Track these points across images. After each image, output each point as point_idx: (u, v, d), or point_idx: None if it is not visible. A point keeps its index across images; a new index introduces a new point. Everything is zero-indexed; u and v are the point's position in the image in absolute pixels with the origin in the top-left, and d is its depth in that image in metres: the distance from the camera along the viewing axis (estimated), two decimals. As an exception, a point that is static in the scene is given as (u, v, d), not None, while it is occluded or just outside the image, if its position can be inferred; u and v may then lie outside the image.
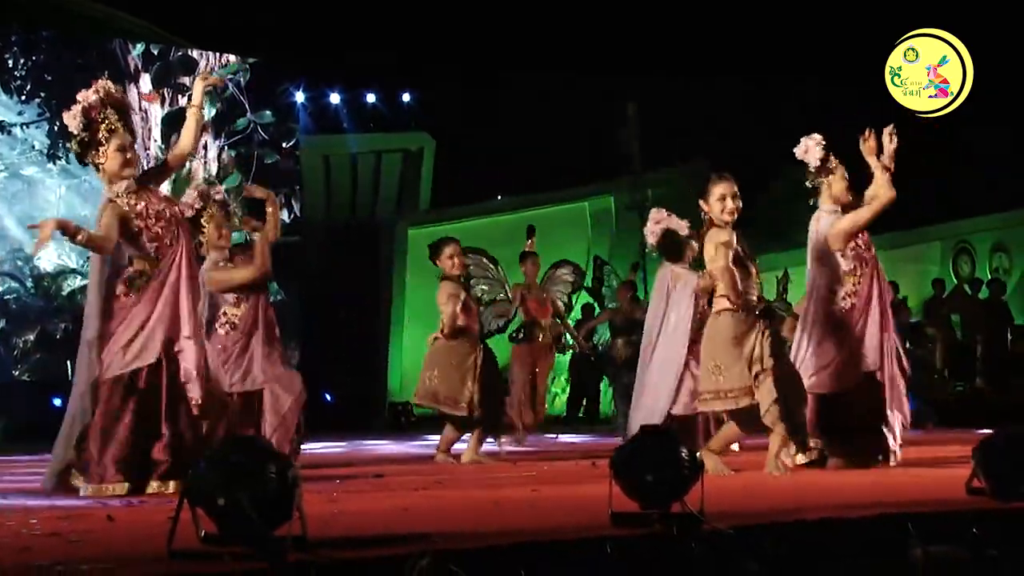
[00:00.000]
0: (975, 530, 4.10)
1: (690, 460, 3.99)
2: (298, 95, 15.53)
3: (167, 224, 5.74)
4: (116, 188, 5.71)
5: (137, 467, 5.40)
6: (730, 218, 6.31)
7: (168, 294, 5.66)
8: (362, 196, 16.89)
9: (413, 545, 3.41)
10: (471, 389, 7.82)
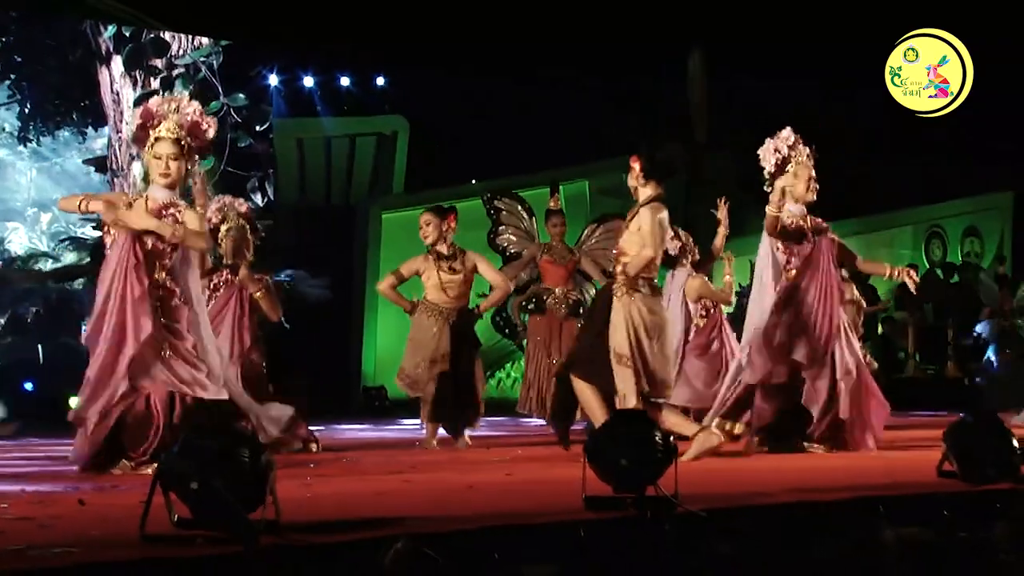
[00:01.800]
0: (945, 512, 4.13)
1: (664, 444, 4.00)
2: (271, 78, 15.43)
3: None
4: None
5: None
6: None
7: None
8: (336, 180, 16.81)
9: (387, 529, 3.42)
10: (423, 367, 7.78)
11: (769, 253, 6.93)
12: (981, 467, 4.55)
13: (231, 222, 7.34)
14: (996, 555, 3.85)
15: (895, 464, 5.88)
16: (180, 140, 5.67)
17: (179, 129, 5.68)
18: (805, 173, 6.93)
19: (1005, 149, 15.45)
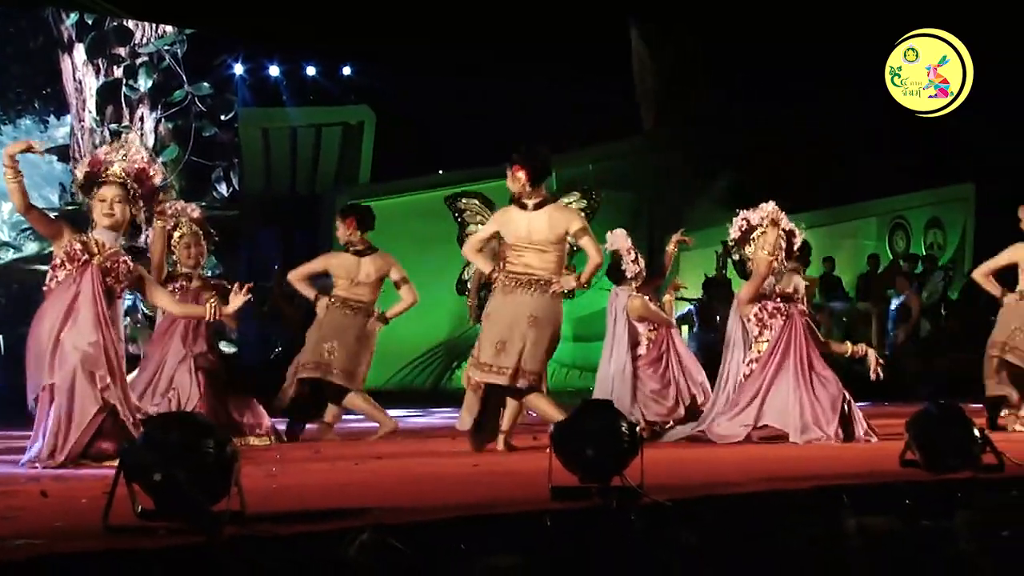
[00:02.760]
0: (908, 501, 4.17)
1: (629, 434, 4.01)
2: (237, 67, 15.35)
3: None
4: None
5: None
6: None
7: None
8: (302, 169, 16.75)
9: (352, 520, 3.41)
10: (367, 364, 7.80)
11: (739, 323, 7.08)
12: (943, 456, 4.60)
13: (184, 228, 7.30)
14: (957, 543, 3.88)
15: (859, 454, 5.92)
16: (126, 184, 5.73)
17: (125, 174, 5.73)
18: (771, 245, 6.96)
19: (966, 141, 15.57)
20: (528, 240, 6.44)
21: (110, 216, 5.70)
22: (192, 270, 7.27)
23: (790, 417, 6.75)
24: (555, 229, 6.42)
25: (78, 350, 5.49)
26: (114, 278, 5.70)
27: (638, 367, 7.85)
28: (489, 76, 15.21)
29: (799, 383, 6.80)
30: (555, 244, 6.45)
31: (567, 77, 15.07)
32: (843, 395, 6.81)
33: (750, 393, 6.88)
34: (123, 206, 5.72)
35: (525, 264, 6.44)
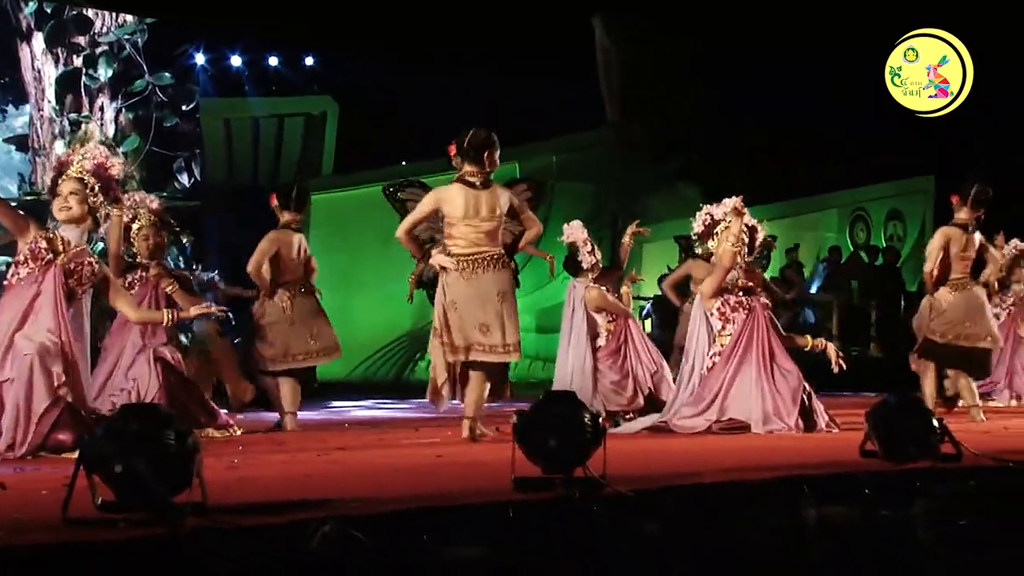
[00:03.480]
0: (868, 491, 4.20)
1: (592, 425, 4.03)
2: (198, 57, 15.26)
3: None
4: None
5: None
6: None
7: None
8: (264, 160, 16.67)
9: (315, 511, 3.41)
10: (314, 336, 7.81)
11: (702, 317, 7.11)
12: (902, 446, 4.64)
13: (142, 220, 7.27)
14: (916, 532, 3.92)
15: (819, 444, 5.96)
16: (83, 179, 5.77)
17: (83, 170, 5.79)
18: (731, 244, 7.01)
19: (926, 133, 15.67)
20: (478, 217, 6.56)
21: (67, 210, 5.74)
22: (150, 261, 7.25)
23: (752, 408, 6.79)
24: (504, 205, 6.61)
25: (33, 342, 5.48)
26: (76, 280, 5.70)
27: (597, 359, 7.89)
28: (453, 67, 15.18)
29: (761, 375, 6.85)
30: (500, 219, 6.63)
31: (531, 69, 15.06)
32: (804, 387, 6.86)
33: (714, 387, 6.92)
34: (79, 200, 5.75)
35: (474, 243, 6.56)
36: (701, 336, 7.16)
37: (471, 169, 6.59)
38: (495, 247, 6.60)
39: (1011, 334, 10.21)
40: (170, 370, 6.97)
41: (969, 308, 8.06)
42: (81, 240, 5.77)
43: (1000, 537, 3.83)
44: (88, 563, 2.95)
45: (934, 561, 3.52)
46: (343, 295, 14.78)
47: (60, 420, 5.45)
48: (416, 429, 7.75)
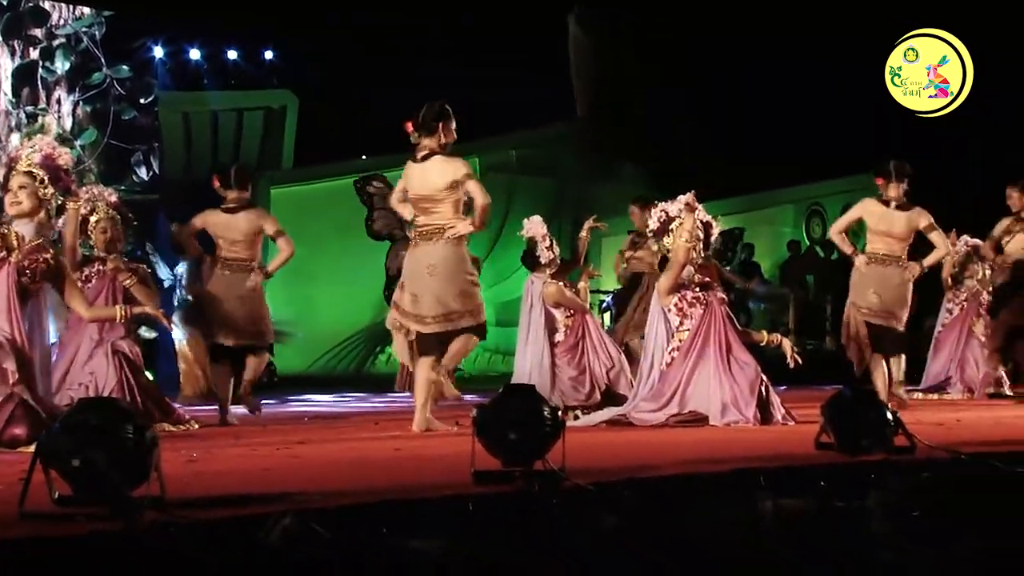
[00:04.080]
0: (822, 483, 4.25)
1: (551, 418, 4.05)
2: (157, 50, 15.16)
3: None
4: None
5: None
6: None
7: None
8: (223, 154, 16.58)
9: (274, 505, 3.40)
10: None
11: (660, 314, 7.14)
12: (856, 439, 4.69)
13: (100, 213, 7.23)
14: (870, 524, 3.97)
15: (776, 437, 6.01)
16: (32, 172, 5.74)
17: (31, 163, 5.76)
18: (686, 240, 7.06)
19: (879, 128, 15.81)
20: (422, 191, 6.58)
21: (17, 205, 5.71)
22: (108, 254, 7.20)
23: (711, 401, 6.84)
24: (444, 177, 6.53)
25: None
26: (30, 277, 5.65)
27: (556, 354, 7.91)
28: (414, 60, 15.15)
29: (719, 368, 6.90)
30: (446, 192, 6.53)
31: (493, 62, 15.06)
32: (761, 379, 6.92)
33: (673, 382, 6.95)
34: (29, 193, 5.71)
35: (424, 217, 6.59)
36: (659, 332, 7.19)
37: (426, 143, 6.60)
38: (438, 220, 6.54)
39: (963, 329, 10.34)
40: (128, 364, 6.94)
41: (880, 282, 8.26)
42: (37, 235, 5.72)
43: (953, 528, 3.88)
44: (45, 558, 2.93)
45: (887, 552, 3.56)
46: (303, 289, 14.74)
47: (15, 415, 5.42)
48: (376, 423, 7.75)
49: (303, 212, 15.34)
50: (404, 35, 15.10)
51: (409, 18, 14.95)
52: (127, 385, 6.85)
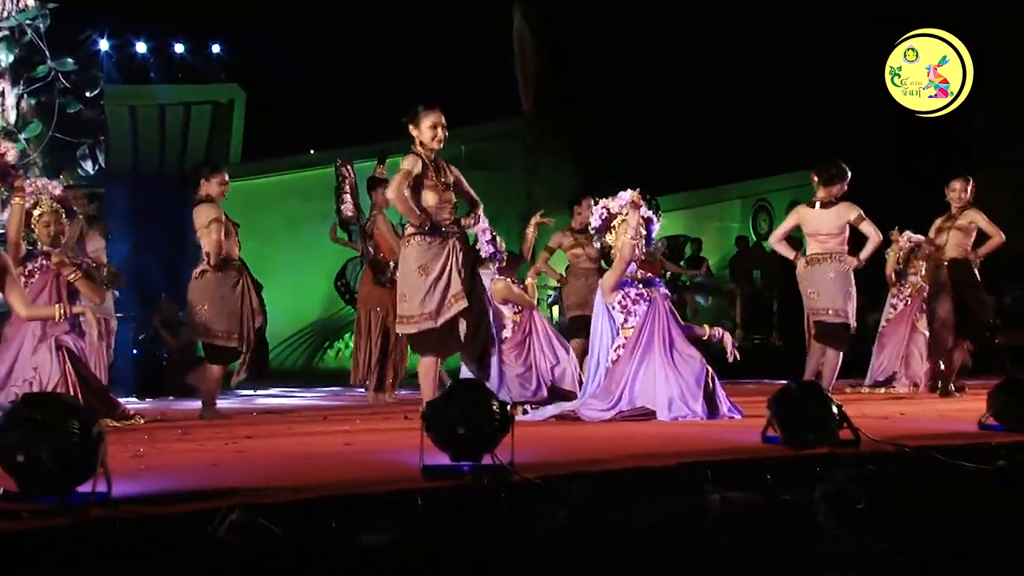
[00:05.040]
0: (769, 476, 4.29)
1: (500, 413, 4.06)
2: (102, 43, 15.01)
3: None
4: None
5: None
6: (438, 146, 6.83)
7: None
8: (170, 148, 16.48)
9: (221, 500, 3.39)
10: (246, 323, 7.82)
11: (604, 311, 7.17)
12: (802, 432, 4.73)
13: (44, 207, 7.15)
14: (815, 516, 4.01)
15: (722, 430, 6.06)
16: None
17: None
18: (630, 237, 7.11)
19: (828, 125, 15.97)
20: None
21: None
22: (52, 248, 7.13)
23: (657, 396, 6.88)
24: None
25: None
26: None
27: (503, 350, 7.92)
28: (361, 55, 15.11)
29: (664, 364, 6.94)
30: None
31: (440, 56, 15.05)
32: (707, 372, 6.96)
33: (620, 380, 6.98)
34: None
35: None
36: (604, 329, 7.21)
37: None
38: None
39: (907, 324, 10.46)
40: (72, 359, 6.87)
41: (817, 281, 8.60)
42: None
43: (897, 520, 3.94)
44: (-10, 554, 2.91)
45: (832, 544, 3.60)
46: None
47: None
48: (325, 417, 7.74)
49: (251, 207, 15.23)
50: (351, 30, 15.05)
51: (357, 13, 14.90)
52: (71, 380, 6.79)
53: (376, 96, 15.16)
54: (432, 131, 6.77)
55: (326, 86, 15.28)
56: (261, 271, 8.29)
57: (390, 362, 9.71)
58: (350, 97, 15.26)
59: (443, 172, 6.84)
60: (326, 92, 15.30)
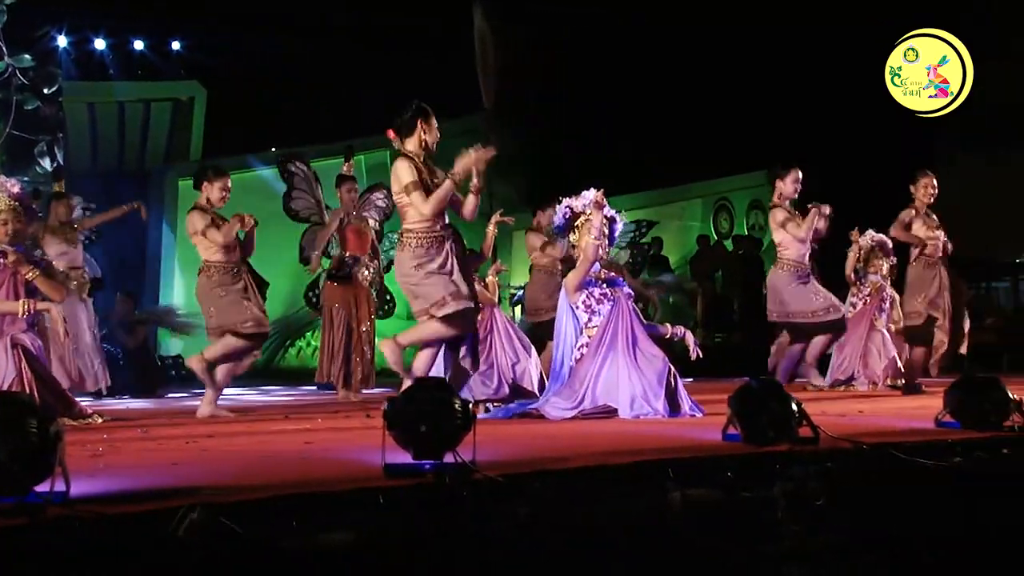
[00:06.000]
0: (729, 473, 4.31)
1: (462, 411, 4.06)
2: (60, 39, 14.90)
3: None
4: None
5: None
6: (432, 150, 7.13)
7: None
8: (129, 146, 16.37)
9: (182, 499, 3.36)
10: (255, 309, 7.81)
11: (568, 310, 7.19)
12: (762, 430, 4.76)
13: (1, 205, 7.09)
14: (775, 513, 4.03)
15: (684, 428, 6.07)
16: None
17: None
18: (594, 237, 7.13)
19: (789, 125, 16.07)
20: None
21: None
22: (9, 246, 7.06)
23: (620, 394, 6.90)
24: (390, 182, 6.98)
25: None
26: None
27: None
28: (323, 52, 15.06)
29: (627, 362, 6.97)
30: (397, 195, 6.87)
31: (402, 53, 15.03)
32: (669, 370, 6.99)
33: (584, 379, 7.00)
34: None
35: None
36: (567, 329, 7.23)
37: (410, 147, 7.00)
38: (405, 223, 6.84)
39: (867, 323, 10.54)
40: (29, 357, 6.81)
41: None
42: None
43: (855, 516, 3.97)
44: (-54, 555, 2.88)
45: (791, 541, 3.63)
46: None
47: None
48: (286, 416, 7.70)
49: (212, 204, 15.17)
50: (311, 27, 15.00)
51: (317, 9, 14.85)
52: (27, 378, 6.73)
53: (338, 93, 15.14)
54: (430, 136, 6.98)
55: (287, 83, 15.22)
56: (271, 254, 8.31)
57: (355, 359, 9.68)
58: (312, 94, 15.21)
59: (436, 174, 6.92)
60: (288, 89, 15.24)
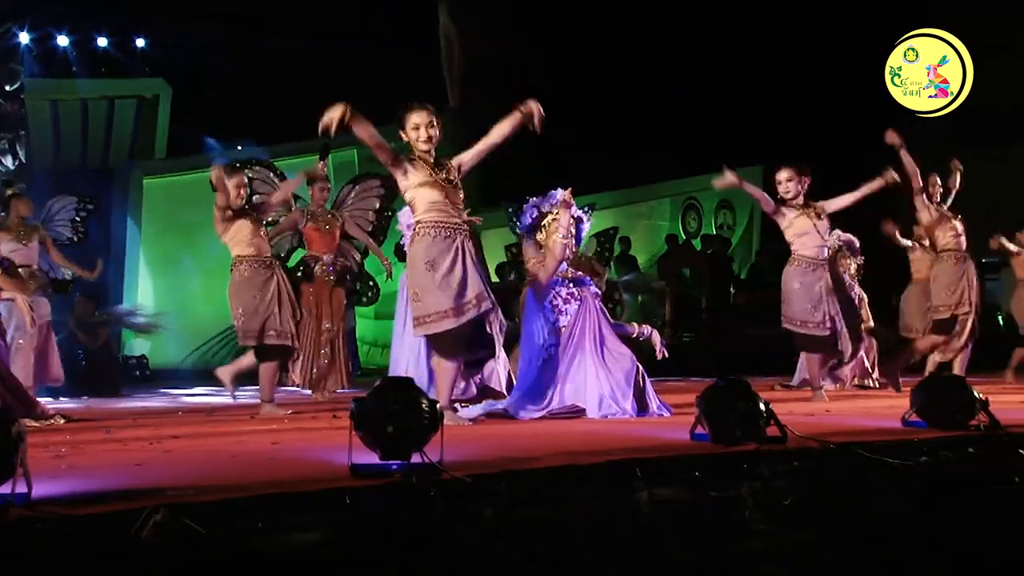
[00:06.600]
0: (697, 473, 4.32)
1: (429, 411, 4.05)
2: (22, 36, 14.77)
3: None
4: None
5: None
6: (425, 146, 6.76)
7: None
8: (93, 143, 16.24)
9: (146, 500, 3.34)
10: (280, 321, 7.76)
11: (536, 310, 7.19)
12: (730, 430, 4.78)
13: None
14: (742, 512, 4.04)
15: (652, 428, 6.09)
16: None
17: None
18: (561, 236, 7.11)
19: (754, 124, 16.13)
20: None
21: None
22: None
23: (588, 394, 6.90)
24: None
25: None
26: None
27: None
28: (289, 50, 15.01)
29: (595, 362, 6.97)
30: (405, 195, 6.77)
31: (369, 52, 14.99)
32: (637, 370, 7.00)
33: (552, 378, 7.00)
34: None
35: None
36: (535, 329, 7.22)
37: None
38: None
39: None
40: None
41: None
42: None
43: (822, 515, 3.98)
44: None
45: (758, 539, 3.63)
46: (177, 280, 14.49)
47: None
48: (251, 416, 7.66)
49: (177, 203, 15.10)
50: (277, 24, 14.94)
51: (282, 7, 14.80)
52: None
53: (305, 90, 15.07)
54: (416, 132, 6.71)
55: (252, 81, 15.15)
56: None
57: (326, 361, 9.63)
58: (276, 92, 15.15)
59: (446, 170, 6.73)
60: (253, 87, 15.17)
